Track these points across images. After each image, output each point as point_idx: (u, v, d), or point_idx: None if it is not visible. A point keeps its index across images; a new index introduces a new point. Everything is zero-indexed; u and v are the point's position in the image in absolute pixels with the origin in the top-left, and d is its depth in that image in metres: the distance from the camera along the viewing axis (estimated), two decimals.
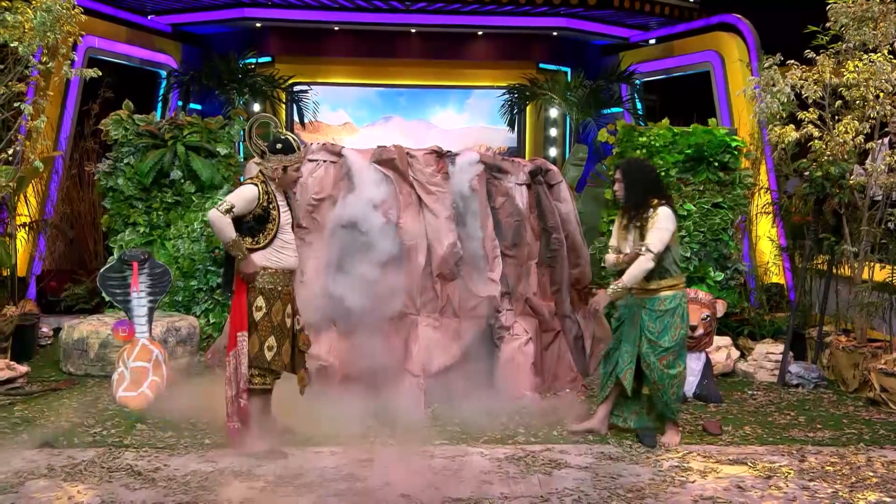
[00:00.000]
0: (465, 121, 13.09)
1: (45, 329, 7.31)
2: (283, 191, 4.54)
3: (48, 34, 6.18)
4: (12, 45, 6.13)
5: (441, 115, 13.11)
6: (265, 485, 3.95)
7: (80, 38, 6.75)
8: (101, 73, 6.71)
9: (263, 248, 4.39)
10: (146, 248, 7.05)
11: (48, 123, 7.16)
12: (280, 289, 4.43)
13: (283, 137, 4.49)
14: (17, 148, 6.66)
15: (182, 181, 7.37)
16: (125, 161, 7.38)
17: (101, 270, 5.77)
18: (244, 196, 4.35)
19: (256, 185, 4.39)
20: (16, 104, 6.40)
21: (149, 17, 11.30)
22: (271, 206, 4.41)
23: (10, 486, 3.90)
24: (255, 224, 4.38)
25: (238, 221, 4.35)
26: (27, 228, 7.97)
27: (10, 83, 6.37)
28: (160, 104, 11.21)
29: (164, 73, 11.36)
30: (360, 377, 5.48)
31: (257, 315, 4.35)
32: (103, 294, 5.85)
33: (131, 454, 4.38)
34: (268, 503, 3.74)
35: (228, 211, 4.27)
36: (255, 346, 4.34)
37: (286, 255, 4.47)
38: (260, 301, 4.36)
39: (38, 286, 8.29)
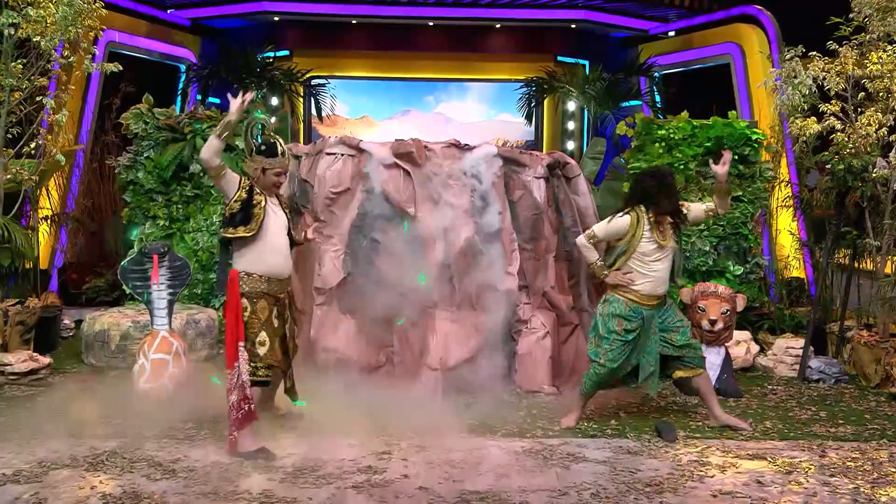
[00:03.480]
0: (482, 114, 13.07)
1: (66, 321, 7.39)
2: (275, 197, 4.52)
3: (70, 28, 6.23)
4: (34, 39, 6.19)
5: (459, 108, 13.10)
6: (284, 476, 3.98)
7: (100, 32, 6.81)
8: (121, 68, 6.76)
9: (247, 245, 4.36)
10: (166, 241, 7.11)
11: (69, 117, 7.22)
12: (263, 290, 4.38)
13: (270, 141, 4.48)
14: (39, 142, 6.73)
15: (201, 174, 7.41)
16: (145, 155, 7.43)
17: (122, 263, 5.83)
18: (232, 174, 4.38)
19: (242, 175, 4.46)
20: (38, 98, 6.47)
21: (168, 11, 11.35)
22: (254, 204, 4.36)
23: (33, 475, 3.96)
24: (240, 215, 4.35)
25: (232, 216, 4.36)
26: (49, 221, 8.06)
27: (32, 77, 6.43)
28: (179, 98, 11.27)
29: (183, 67, 11.42)
30: (377, 370, 5.50)
31: (244, 315, 4.33)
32: (124, 286, 5.90)
33: (152, 445, 4.42)
34: (287, 494, 3.76)
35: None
36: (248, 343, 4.34)
37: (273, 260, 4.41)
38: (244, 302, 4.35)
39: (59, 278, 8.38)
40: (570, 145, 12.74)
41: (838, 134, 6.35)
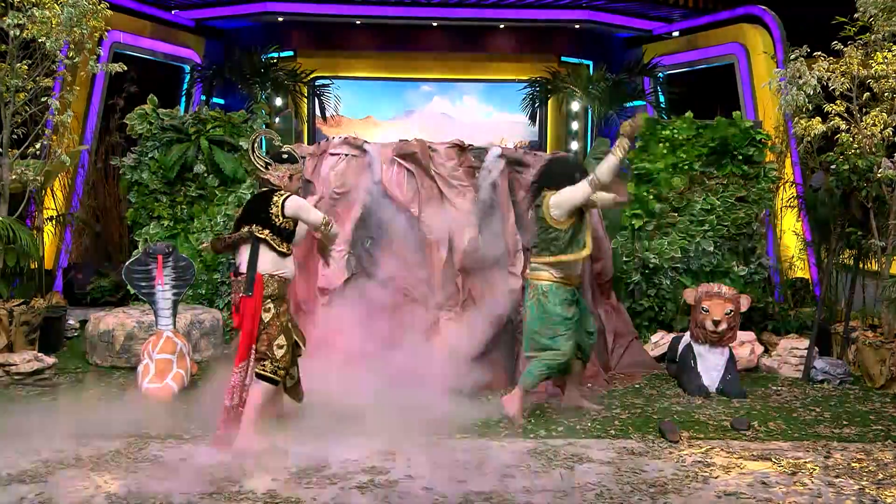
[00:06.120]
0: (486, 114, 13.07)
1: (71, 321, 7.41)
2: None
3: (75, 29, 6.25)
4: (40, 40, 6.21)
5: (462, 108, 13.10)
6: (289, 476, 3.98)
7: (105, 33, 6.82)
8: (126, 68, 6.77)
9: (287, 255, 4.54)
10: (170, 241, 7.12)
11: (74, 118, 7.25)
12: (283, 295, 4.52)
13: (286, 149, 4.69)
14: (44, 142, 6.75)
15: (205, 175, 7.43)
16: (150, 155, 7.45)
17: (127, 263, 5.84)
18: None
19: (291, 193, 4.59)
20: (43, 99, 6.49)
21: (172, 12, 11.39)
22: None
23: (38, 475, 3.97)
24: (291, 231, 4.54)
25: (282, 230, 4.47)
26: (54, 222, 8.08)
27: (37, 78, 6.45)
28: (184, 99, 11.30)
29: (187, 68, 11.45)
30: (382, 370, 5.50)
31: (266, 316, 4.41)
32: (128, 287, 5.91)
33: (157, 445, 4.43)
34: (291, 494, 3.76)
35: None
36: (264, 343, 4.40)
37: (290, 265, 4.58)
38: (269, 304, 4.42)
39: (64, 279, 8.40)
40: (575, 145, 12.73)
41: (843, 134, 6.34)
